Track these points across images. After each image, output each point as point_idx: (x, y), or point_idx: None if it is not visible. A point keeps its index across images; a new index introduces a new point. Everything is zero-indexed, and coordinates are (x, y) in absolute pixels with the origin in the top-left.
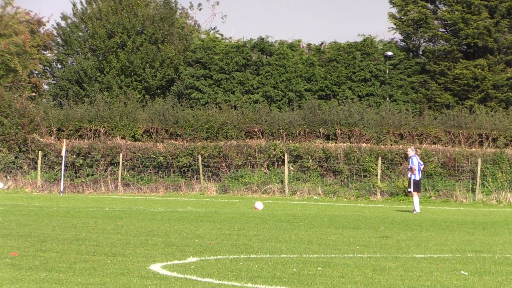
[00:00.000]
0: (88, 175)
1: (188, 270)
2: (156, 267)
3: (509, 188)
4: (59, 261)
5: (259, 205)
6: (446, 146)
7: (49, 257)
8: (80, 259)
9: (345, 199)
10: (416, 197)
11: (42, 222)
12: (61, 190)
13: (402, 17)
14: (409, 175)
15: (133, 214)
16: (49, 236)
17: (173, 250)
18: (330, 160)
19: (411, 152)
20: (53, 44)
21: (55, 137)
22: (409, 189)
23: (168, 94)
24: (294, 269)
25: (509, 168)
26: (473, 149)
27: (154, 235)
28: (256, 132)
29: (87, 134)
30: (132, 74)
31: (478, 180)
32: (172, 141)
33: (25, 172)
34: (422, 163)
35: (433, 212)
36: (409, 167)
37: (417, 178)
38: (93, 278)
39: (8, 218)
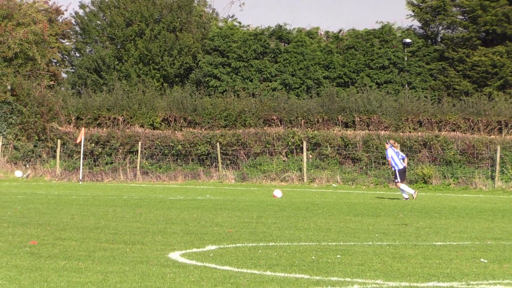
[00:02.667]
0: (107, 164)
1: (207, 258)
2: (175, 255)
3: None
4: (78, 250)
5: (277, 193)
6: (465, 133)
7: (68, 245)
8: (99, 247)
9: (364, 187)
10: (402, 185)
11: (61, 211)
12: (80, 178)
13: (420, 4)
14: (393, 168)
15: (152, 202)
16: (68, 225)
17: (192, 238)
18: (348, 147)
19: (386, 145)
20: (71, 32)
21: (73, 126)
22: (396, 180)
23: (186, 82)
24: (313, 257)
25: None
26: (492, 136)
27: (173, 223)
28: (274, 120)
29: (106, 123)
30: (150, 62)
31: (498, 167)
32: (191, 129)
33: (44, 160)
34: (403, 155)
35: (452, 199)
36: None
37: (400, 167)
38: (112, 266)
39: (27, 207)
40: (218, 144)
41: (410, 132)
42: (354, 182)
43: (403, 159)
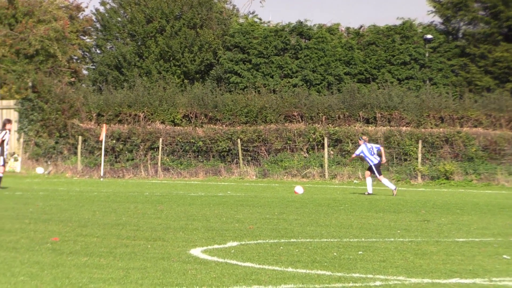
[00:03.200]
0: (128, 160)
1: (228, 255)
2: (196, 252)
3: None
4: (100, 246)
5: (299, 189)
6: (487, 129)
7: (89, 242)
8: (120, 243)
9: None
10: (384, 180)
11: (83, 207)
12: (101, 175)
13: (441, 0)
14: (369, 164)
15: (173, 198)
16: (90, 221)
17: (213, 235)
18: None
19: (360, 142)
20: (92, 29)
21: (95, 122)
22: (377, 176)
23: (207, 78)
24: (335, 254)
25: None
26: None
27: (194, 220)
28: (295, 116)
29: (127, 119)
30: (171, 59)
31: None
32: (211, 125)
33: (65, 157)
34: (378, 146)
35: (474, 195)
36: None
37: (375, 162)
38: (134, 263)
39: (48, 203)
40: (239, 140)
41: (431, 128)
42: (376, 178)
43: (379, 150)
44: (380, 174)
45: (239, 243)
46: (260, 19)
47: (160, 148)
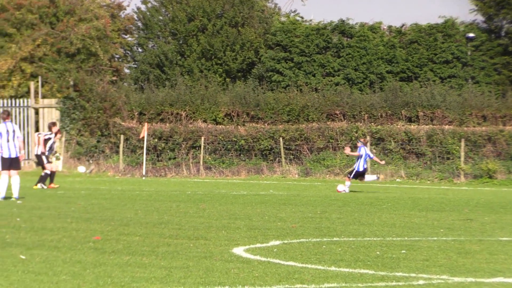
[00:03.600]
0: (170, 159)
1: (271, 253)
2: (239, 251)
3: None
4: (142, 245)
5: (341, 188)
6: None
7: (132, 240)
8: (162, 242)
9: (428, 182)
10: (349, 183)
11: (125, 206)
12: (143, 173)
13: None
14: (354, 166)
15: (215, 197)
16: (132, 220)
17: (256, 234)
18: (412, 142)
19: (359, 144)
20: (133, 28)
21: (136, 121)
22: (349, 175)
23: (249, 77)
24: (378, 252)
25: None
26: None
27: (237, 219)
28: (337, 115)
29: (169, 118)
30: (213, 57)
31: None
32: (253, 124)
33: (107, 156)
34: (372, 155)
35: None
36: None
37: (361, 169)
38: (176, 262)
39: (90, 202)
40: (281, 139)
41: (474, 126)
42: (419, 177)
43: (371, 158)
44: (352, 178)
45: (282, 242)
46: (302, 18)
47: (202, 146)
